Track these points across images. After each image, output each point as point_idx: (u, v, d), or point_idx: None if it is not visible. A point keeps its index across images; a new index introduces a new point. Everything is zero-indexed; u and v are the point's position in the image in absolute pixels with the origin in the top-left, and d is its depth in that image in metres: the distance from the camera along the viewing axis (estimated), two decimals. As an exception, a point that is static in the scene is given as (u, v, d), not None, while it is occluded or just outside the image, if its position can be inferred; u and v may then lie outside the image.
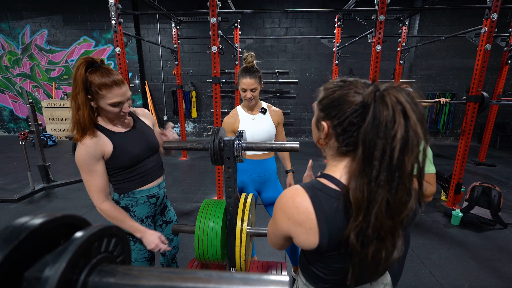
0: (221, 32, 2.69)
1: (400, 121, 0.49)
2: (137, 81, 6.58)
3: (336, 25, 3.98)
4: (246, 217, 1.04)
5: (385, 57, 5.83)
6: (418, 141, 0.50)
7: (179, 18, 4.28)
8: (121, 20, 2.69)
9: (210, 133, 6.92)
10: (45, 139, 5.96)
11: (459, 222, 2.60)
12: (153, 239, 1.10)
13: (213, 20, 2.54)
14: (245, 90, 1.48)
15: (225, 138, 1.04)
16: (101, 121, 1.09)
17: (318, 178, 0.64)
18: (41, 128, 6.92)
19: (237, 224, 1.02)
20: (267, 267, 1.27)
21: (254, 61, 1.55)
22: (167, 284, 0.31)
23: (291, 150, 1.05)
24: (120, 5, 2.68)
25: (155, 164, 1.23)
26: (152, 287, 0.31)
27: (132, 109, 1.21)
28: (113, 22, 2.64)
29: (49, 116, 6.62)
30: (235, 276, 0.30)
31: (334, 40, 4.12)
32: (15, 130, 7.37)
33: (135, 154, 1.12)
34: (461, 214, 2.59)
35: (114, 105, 1.00)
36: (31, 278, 0.29)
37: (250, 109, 1.59)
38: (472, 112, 2.70)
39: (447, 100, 2.97)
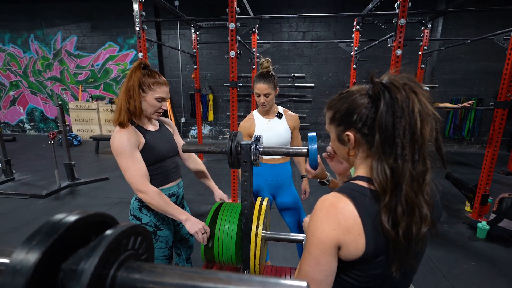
0: (239, 37, 2.73)
1: (413, 98, 0.54)
2: (157, 85, 6.79)
3: (354, 29, 3.92)
4: (261, 221, 1.05)
5: (405, 61, 5.66)
6: (429, 109, 0.55)
7: (198, 23, 4.40)
8: (145, 26, 2.81)
9: (226, 136, 7.01)
10: (71, 139, 6.28)
11: (486, 236, 2.45)
12: (197, 224, 1.09)
13: (231, 25, 2.59)
14: (259, 95, 1.50)
15: (242, 142, 1.06)
16: (137, 120, 1.17)
17: (351, 181, 0.63)
18: (68, 128, 7.31)
19: (252, 228, 1.03)
20: (281, 272, 1.26)
21: (271, 67, 1.58)
22: (189, 283, 0.32)
23: (307, 156, 1.05)
24: (144, 13, 2.79)
25: (175, 165, 1.28)
26: (175, 285, 0.32)
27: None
28: (137, 28, 2.76)
29: (75, 117, 6.98)
30: (254, 279, 0.31)
31: (352, 44, 4.06)
32: (45, 130, 7.82)
33: (160, 152, 1.19)
34: (487, 227, 2.45)
35: (159, 99, 1.14)
36: (67, 270, 0.32)
37: (266, 113, 1.60)
38: (500, 118, 2.56)
39: (471, 102, 2.84)
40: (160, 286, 0.33)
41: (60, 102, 3.49)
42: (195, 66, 4.62)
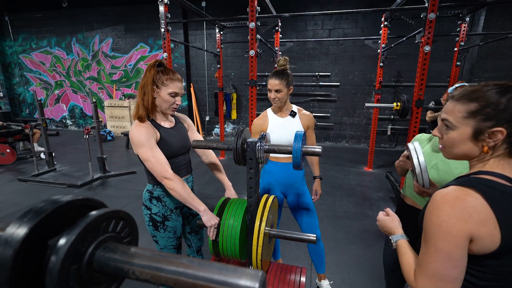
0: (259, 36, 2.75)
1: None
2: (183, 84, 7.06)
3: (382, 25, 3.75)
4: (264, 218, 1.06)
5: (440, 58, 5.29)
6: None
7: (222, 23, 4.49)
8: (169, 28, 2.94)
9: (249, 134, 7.09)
10: (105, 134, 6.76)
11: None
12: (214, 219, 1.13)
13: (251, 25, 2.62)
14: (270, 91, 1.51)
15: (248, 140, 1.08)
16: (152, 115, 1.24)
17: (477, 176, 0.63)
18: (103, 124, 7.88)
19: (255, 224, 1.05)
20: (286, 270, 1.27)
21: (287, 65, 1.57)
22: (154, 265, 0.35)
23: (312, 154, 1.04)
24: (169, 14, 2.92)
25: (186, 162, 1.34)
26: (142, 266, 0.35)
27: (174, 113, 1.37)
28: (162, 29, 2.90)
29: (110, 114, 7.49)
30: (213, 265, 0.34)
31: (379, 41, 3.89)
32: (83, 125, 8.51)
33: (174, 148, 1.25)
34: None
35: (172, 94, 1.18)
36: (52, 245, 0.36)
37: (280, 111, 1.60)
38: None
39: None
40: (129, 265, 0.36)
41: (94, 100, 3.78)
42: (219, 66, 4.72)
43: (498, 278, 0.60)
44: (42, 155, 4.92)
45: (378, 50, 3.95)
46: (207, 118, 7.25)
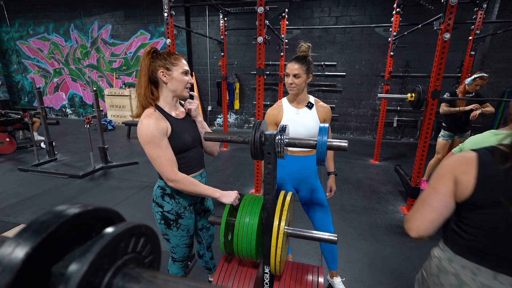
0: (267, 22, 2.62)
1: None
2: (185, 72, 6.90)
3: (394, 12, 3.59)
4: (284, 217, 0.98)
5: (450, 48, 5.11)
6: None
7: (226, 9, 4.31)
8: (173, 12, 2.80)
9: (251, 125, 6.97)
10: (106, 123, 6.65)
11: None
12: (231, 195, 1.12)
13: (260, 9, 2.48)
14: (288, 75, 1.41)
15: (266, 132, 0.99)
16: (162, 103, 1.14)
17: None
18: (104, 113, 7.75)
19: (274, 223, 0.97)
20: (303, 270, 1.20)
21: (309, 53, 1.48)
22: (192, 301, 0.27)
23: (338, 149, 0.95)
24: (172, -2, 2.77)
25: (199, 155, 1.25)
26: (176, 302, 0.27)
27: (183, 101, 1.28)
28: (165, 14, 2.75)
29: (110, 103, 7.36)
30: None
31: (390, 29, 3.73)
32: (84, 114, 8.38)
33: (186, 141, 1.16)
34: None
35: (185, 73, 1.13)
36: (57, 273, 0.28)
37: (296, 102, 1.50)
38: None
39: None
40: (158, 301, 0.28)
41: (95, 89, 3.66)
42: (222, 54, 4.57)
43: (479, 233, 0.71)
44: (43, 145, 4.84)
45: (389, 39, 3.79)
46: (210, 108, 7.13)
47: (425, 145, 2.48)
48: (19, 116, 4.82)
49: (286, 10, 3.87)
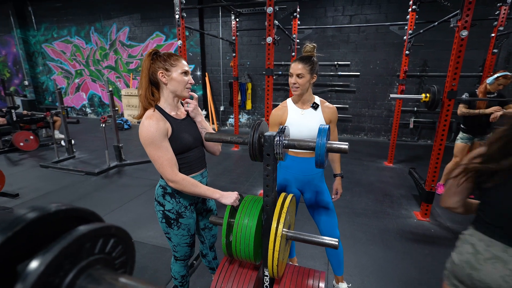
0: (277, 22, 2.60)
1: None
2: (198, 73, 7.00)
3: (410, 9, 3.46)
4: (282, 220, 0.97)
5: (472, 45, 4.86)
6: None
7: (238, 10, 4.33)
8: (184, 14, 2.84)
9: (263, 125, 6.97)
10: (122, 123, 6.87)
11: None
12: (231, 196, 1.12)
13: (269, 9, 2.47)
14: (291, 75, 1.40)
15: (266, 133, 0.98)
16: (162, 104, 1.15)
17: None
18: (120, 113, 8.01)
19: (271, 225, 0.96)
20: (303, 274, 1.18)
21: (314, 53, 1.46)
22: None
23: (338, 151, 0.93)
24: (184, 0, 2.82)
25: (200, 155, 1.26)
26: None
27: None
28: (177, 16, 2.80)
29: (126, 103, 7.60)
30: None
31: (406, 27, 3.60)
32: (102, 113, 8.70)
33: (187, 142, 1.17)
34: None
35: (184, 73, 1.13)
36: (20, 272, 0.28)
37: (301, 102, 1.49)
38: None
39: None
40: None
41: (111, 89, 3.79)
42: (234, 54, 4.60)
43: (492, 211, 0.86)
44: (63, 142, 5.07)
45: (404, 37, 3.67)
46: (222, 108, 7.19)
47: (441, 147, 2.37)
48: (42, 115, 5.07)
49: (298, 10, 3.84)
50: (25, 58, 8.90)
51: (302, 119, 1.46)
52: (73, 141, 4.63)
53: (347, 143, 0.92)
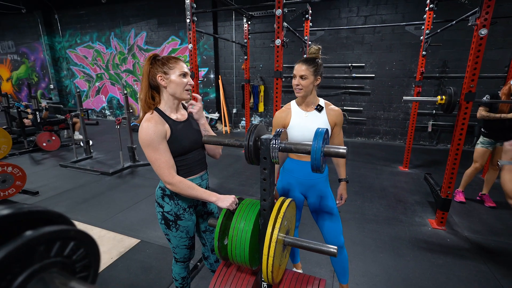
0: (286, 24, 2.59)
1: None
2: (212, 76, 7.10)
3: (427, 8, 3.33)
4: (277, 225, 0.95)
5: (496, 44, 4.61)
6: None
7: (250, 13, 4.35)
8: (195, 18, 2.89)
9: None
10: (138, 125, 7.07)
11: None
12: (227, 200, 1.10)
13: (278, 12, 2.46)
14: (294, 77, 1.38)
15: (262, 137, 0.97)
16: (163, 107, 1.17)
17: None
18: (137, 115, 8.27)
19: (266, 230, 0.94)
20: (302, 281, 1.15)
21: (319, 55, 1.44)
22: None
23: (335, 155, 0.90)
24: (194, 5, 2.87)
25: (200, 158, 1.26)
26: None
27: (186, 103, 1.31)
28: (188, 20, 2.85)
29: (143, 106, 7.82)
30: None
31: (423, 27, 3.47)
32: (120, 115, 9.02)
33: (186, 144, 1.18)
34: None
35: (183, 75, 1.14)
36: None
37: (305, 105, 1.46)
38: None
39: None
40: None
41: (125, 92, 3.92)
42: (245, 57, 4.62)
43: None
44: (82, 143, 5.29)
45: (421, 37, 3.53)
46: (234, 111, 7.23)
47: (458, 152, 2.25)
48: (64, 117, 5.33)
49: (310, 11, 3.80)
50: (51, 63, 9.41)
51: (306, 122, 1.43)
52: (91, 142, 4.82)
53: (345, 147, 0.89)
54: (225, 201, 1.10)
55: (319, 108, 1.45)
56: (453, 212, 2.70)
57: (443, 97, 2.31)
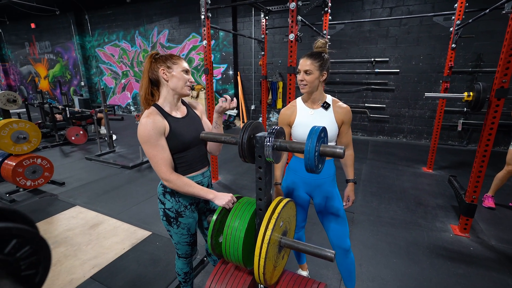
0: (301, 17, 2.51)
1: None
2: (230, 72, 7.13)
3: (459, -3, 3.06)
4: (271, 226, 0.92)
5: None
6: None
7: (268, 8, 4.28)
8: (209, 14, 2.90)
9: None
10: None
11: None
12: (224, 198, 1.10)
13: (292, 5, 2.39)
14: (299, 72, 1.33)
15: (257, 134, 0.94)
16: (162, 103, 1.18)
17: None
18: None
19: (259, 231, 0.92)
20: (300, 284, 1.11)
21: (326, 49, 1.36)
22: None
23: (332, 155, 0.85)
24: (209, 0, 2.87)
25: (201, 154, 1.26)
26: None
27: (187, 100, 1.31)
28: (202, 16, 2.87)
29: (164, 102, 8.07)
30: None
31: (453, 17, 3.20)
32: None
33: (185, 140, 1.18)
34: None
35: (185, 71, 1.17)
36: None
37: (311, 102, 1.40)
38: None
39: None
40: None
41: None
42: (263, 53, 4.57)
43: None
44: (106, 138, 5.57)
45: (451, 29, 3.26)
46: (253, 107, 7.23)
47: (485, 154, 2.06)
48: (89, 113, 5.64)
49: (329, 4, 3.65)
50: (82, 62, 9.99)
51: (311, 120, 1.38)
52: (114, 137, 5.06)
53: (342, 147, 0.84)
54: (222, 199, 1.09)
55: (326, 106, 1.38)
56: (480, 218, 2.49)
57: (471, 93, 2.12)
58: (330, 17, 3.78)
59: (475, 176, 2.14)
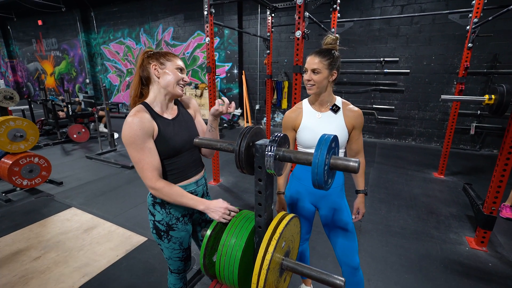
0: (308, 13, 2.37)
1: None
2: (235, 71, 7.01)
3: (477, -7, 2.89)
4: (271, 249, 0.79)
5: None
6: None
7: (274, 5, 4.15)
8: (213, 10, 2.78)
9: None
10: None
11: None
12: (218, 210, 0.96)
13: (299, 0, 2.25)
14: (305, 71, 1.18)
15: (257, 142, 0.81)
16: (152, 102, 1.05)
17: None
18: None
19: (257, 254, 0.79)
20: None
21: (337, 46, 1.22)
22: None
23: (344, 169, 0.72)
24: (212, -4, 2.75)
25: (194, 159, 1.13)
26: None
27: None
28: (205, 12, 2.75)
29: (168, 100, 7.99)
30: None
31: (470, 15, 3.02)
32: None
33: (176, 145, 1.05)
34: None
35: (179, 69, 1.06)
36: None
37: (318, 104, 1.27)
38: None
39: None
40: None
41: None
42: (268, 51, 4.44)
43: None
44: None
45: (467, 27, 3.08)
46: (257, 107, 7.09)
47: (508, 162, 1.90)
48: (91, 110, 5.58)
49: (338, 1, 3.51)
50: (87, 59, 9.98)
51: (319, 124, 1.24)
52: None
53: (357, 160, 0.70)
54: (215, 211, 0.96)
55: (335, 109, 1.24)
56: (498, 230, 2.33)
57: (492, 96, 1.96)
58: (338, 14, 3.63)
59: (495, 186, 1.97)
